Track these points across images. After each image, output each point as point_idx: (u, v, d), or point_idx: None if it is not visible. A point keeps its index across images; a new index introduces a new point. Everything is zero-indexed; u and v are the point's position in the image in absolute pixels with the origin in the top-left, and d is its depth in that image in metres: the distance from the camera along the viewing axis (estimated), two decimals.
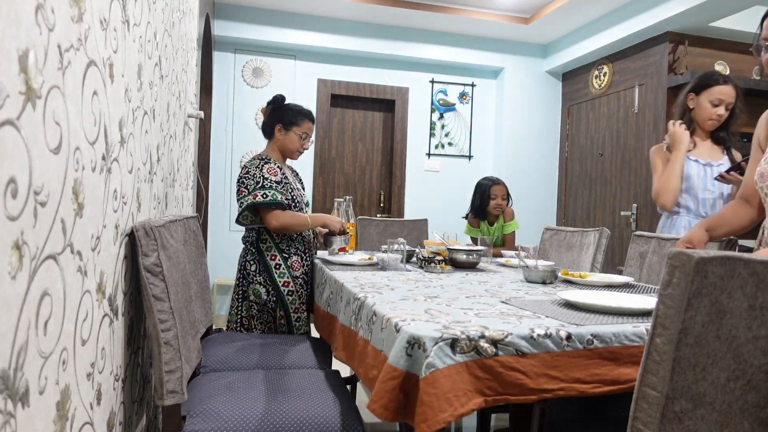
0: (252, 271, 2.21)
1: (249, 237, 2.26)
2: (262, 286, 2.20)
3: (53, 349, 0.83)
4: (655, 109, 3.91)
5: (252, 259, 2.22)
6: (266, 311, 2.22)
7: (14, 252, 0.68)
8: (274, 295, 2.20)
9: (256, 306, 2.21)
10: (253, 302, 2.21)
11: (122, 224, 1.26)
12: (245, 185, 2.16)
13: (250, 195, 2.12)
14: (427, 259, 2.09)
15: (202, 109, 4.01)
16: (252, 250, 2.23)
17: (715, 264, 0.75)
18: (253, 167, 2.19)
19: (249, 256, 2.23)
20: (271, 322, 2.22)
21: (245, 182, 2.17)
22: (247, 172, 2.19)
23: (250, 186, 2.15)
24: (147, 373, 1.69)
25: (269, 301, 2.20)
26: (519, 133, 4.97)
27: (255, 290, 2.20)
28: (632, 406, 0.81)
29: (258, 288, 2.20)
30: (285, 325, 2.22)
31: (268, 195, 2.12)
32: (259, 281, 2.20)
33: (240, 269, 2.25)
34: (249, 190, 2.14)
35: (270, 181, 2.16)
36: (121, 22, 1.21)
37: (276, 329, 2.22)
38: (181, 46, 2.28)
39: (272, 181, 2.17)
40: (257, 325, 2.23)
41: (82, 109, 0.94)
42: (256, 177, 2.16)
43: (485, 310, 1.27)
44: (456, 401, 0.97)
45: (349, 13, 4.42)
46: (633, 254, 2.32)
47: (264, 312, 2.22)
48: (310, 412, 1.35)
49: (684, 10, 3.48)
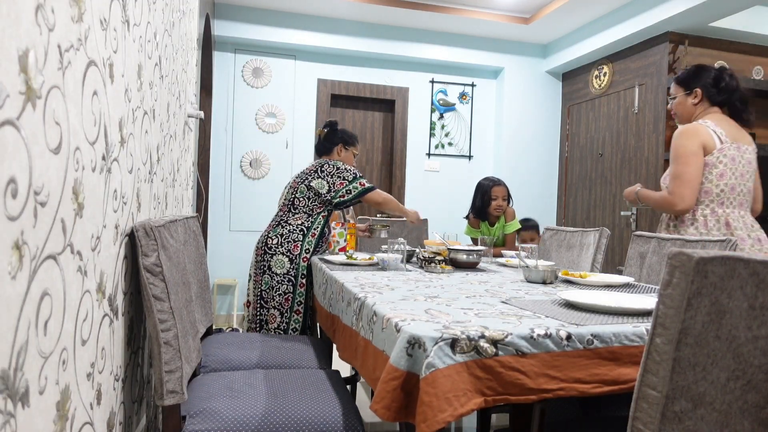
0: (274, 244, 2.46)
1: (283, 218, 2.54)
2: (285, 256, 2.45)
3: (53, 349, 0.83)
4: (655, 109, 3.90)
5: (274, 235, 2.48)
6: (286, 281, 2.43)
7: (14, 252, 0.68)
8: (296, 263, 2.45)
9: (277, 278, 2.43)
10: (273, 273, 2.43)
11: (122, 224, 1.26)
12: (342, 177, 2.55)
13: (354, 183, 2.55)
14: (427, 259, 2.09)
15: (202, 109, 4.01)
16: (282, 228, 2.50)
17: (715, 264, 0.75)
18: (340, 164, 2.60)
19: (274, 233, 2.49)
20: (290, 292, 2.43)
21: (341, 174, 2.55)
22: (336, 167, 2.57)
23: (348, 177, 2.55)
24: (147, 373, 1.69)
25: (291, 269, 2.44)
26: (519, 133, 4.97)
27: (279, 261, 2.44)
28: (632, 406, 0.81)
29: (282, 258, 2.44)
30: (304, 294, 2.44)
31: (366, 183, 2.58)
32: (282, 251, 2.45)
33: (260, 247, 2.50)
34: (349, 180, 2.55)
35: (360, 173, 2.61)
36: (121, 22, 1.21)
37: (294, 298, 2.43)
38: (181, 46, 2.28)
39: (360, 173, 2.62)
40: (275, 296, 2.42)
41: (82, 109, 0.94)
42: (350, 170, 2.58)
43: (485, 310, 1.27)
44: (456, 401, 0.97)
45: (349, 13, 4.42)
46: (633, 254, 2.32)
47: (283, 283, 2.43)
48: (310, 412, 1.35)
49: (684, 10, 3.48)
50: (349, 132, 2.85)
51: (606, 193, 4.39)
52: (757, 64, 4.02)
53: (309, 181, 2.55)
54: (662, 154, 3.80)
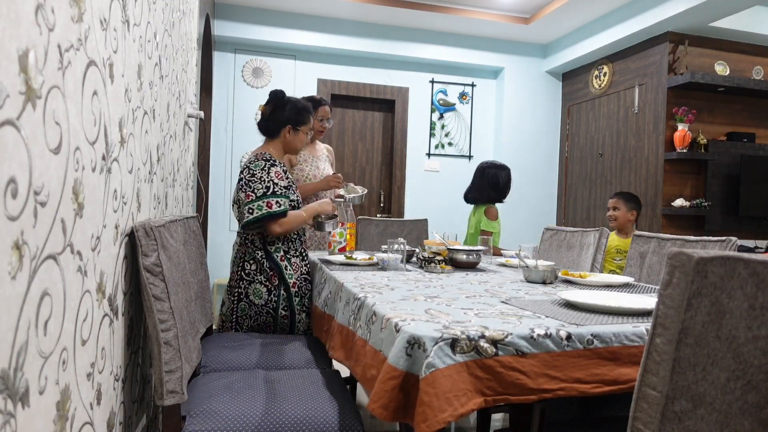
0: (252, 270, 2.16)
1: (250, 237, 2.20)
2: (264, 286, 2.15)
3: (53, 349, 0.83)
4: (655, 109, 3.90)
5: (251, 259, 2.16)
6: (264, 312, 2.16)
7: (14, 252, 0.68)
8: (276, 296, 2.16)
9: (254, 307, 2.16)
10: (251, 302, 2.16)
11: (122, 224, 1.26)
12: (252, 189, 2.07)
13: (261, 202, 2.05)
14: (427, 259, 2.09)
15: (202, 109, 4.01)
16: (257, 252, 2.18)
17: (715, 264, 0.75)
18: (259, 169, 2.10)
19: (249, 256, 2.18)
20: (270, 323, 2.18)
21: (252, 185, 2.07)
22: (252, 174, 2.09)
23: (258, 191, 2.06)
24: (147, 373, 1.69)
25: (270, 301, 2.15)
26: (519, 133, 4.97)
27: (256, 290, 2.15)
28: (632, 406, 0.81)
29: (259, 288, 2.15)
30: (288, 325, 2.18)
31: (281, 204, 2.07)
32: (260, 281, 2.15)
33: (237, 269, 2.19)
34: (257, 195, 2.06)
35: (279, 187, 2.09)
36: (121, 22, 1.21)
37: (276, 329, 2.18)
38: (181, 46, 2.28)
39: (281, 186, 2.10)
40: (252, 325, 2.18)
41: (82, 109, 0.94)
42: (264, 181, 2.08)
43: (485, 310, 1.27)
44: (456, 401, 0.97)
45: (349, 13, 4.42)
46: (633, 254, 2.32)
47: (261, 314, 2.16)
48: (310, 412, 1.35)
49: (684, 10, 3.48)
50: (301, 103, 2.29)
51: (606, 193, 4.39)
52: (757, 64, 4.02)
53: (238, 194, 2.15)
54: (662, 154, 3.80)
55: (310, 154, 2.96)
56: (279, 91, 2.28)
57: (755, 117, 4.07)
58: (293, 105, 2.27)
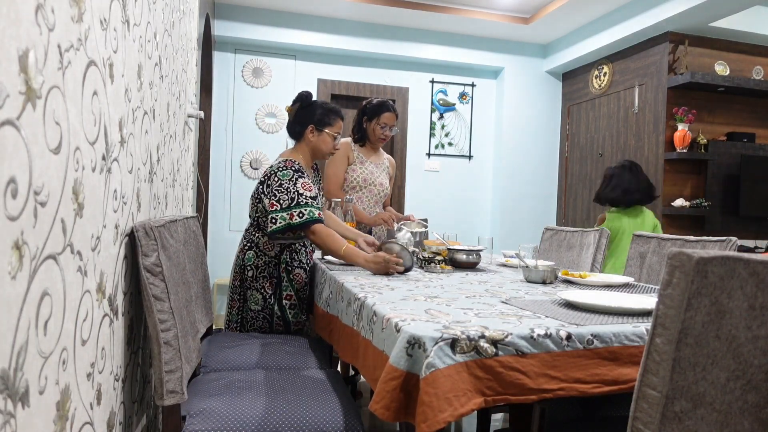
0: (249, 276, 2.17)
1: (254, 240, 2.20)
2: (260, 293, 2.17)
3: (53, 349, 0.83)
4: (655, 109, 3.90)
5: (251, 265, 2.18)
6: (263, 316, 2.18)
7: (14, 252, 0.68)
8: (271, 305, 2.18)
9: (251, 312, 2.18)
10: (249, 307, 2.18)
11: (122, 224, 1.26)
12: (277, 199, 2.04)
13: (284, 212, 2.02)
14: (427, 259, 2.09)
15: (202, 109, 4.01)
16: (258, 259, 2.19)
17: (715, 264, 0.75)
18: (287, 179, 2.06)
19: (249, 262, 2.19)
20: (266, 328, 2.19)
21: (277, 195, 2.04)
22: (279, 183, 2.05)
23: (283, 202, 2.03)
24: (147, 373, 1.69)
25: (266, 306, 2.18)
26: (519, 133, 4.97)
27: (253, 296, 2.17)
28: (632, 406, 0.81)
29: (256, 294, 2.17)
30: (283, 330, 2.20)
31: (304, 214, 2.02)
32: (257, 287, 2.17)
33: (238, 273, 2.20)
34: (282, 206, 2.03)
35: (305, 197, 2.04)
36: (121, 22, 1.21)
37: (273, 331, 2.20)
38: (181, 46, 2.28)
39: (308, 197, 2.05)
40: (257, 325, 2.20)
41: (82, 109, 0.94)
42: (290, 192, 2.04)
43: (485, 310, 1.27)
44: (456, 401, 0.97)
45: (349, 13, 4.42)
46: (633, 254, 2.32)
47: (258, 318, 2.18)
48: (311, 413, 1.35)
49: (684, 10, 3.48)
50: (328, 105, 2.27)
51: None
52: (757, 64, 4.03)
53: (261, 198, 2.13)
54: (662, 154, 3.80)
55: (368, 158, 2.94)
56: (306, 92, 2.27)
57: (755, 117, 4.07)
58: (319, 105, 2.25)
